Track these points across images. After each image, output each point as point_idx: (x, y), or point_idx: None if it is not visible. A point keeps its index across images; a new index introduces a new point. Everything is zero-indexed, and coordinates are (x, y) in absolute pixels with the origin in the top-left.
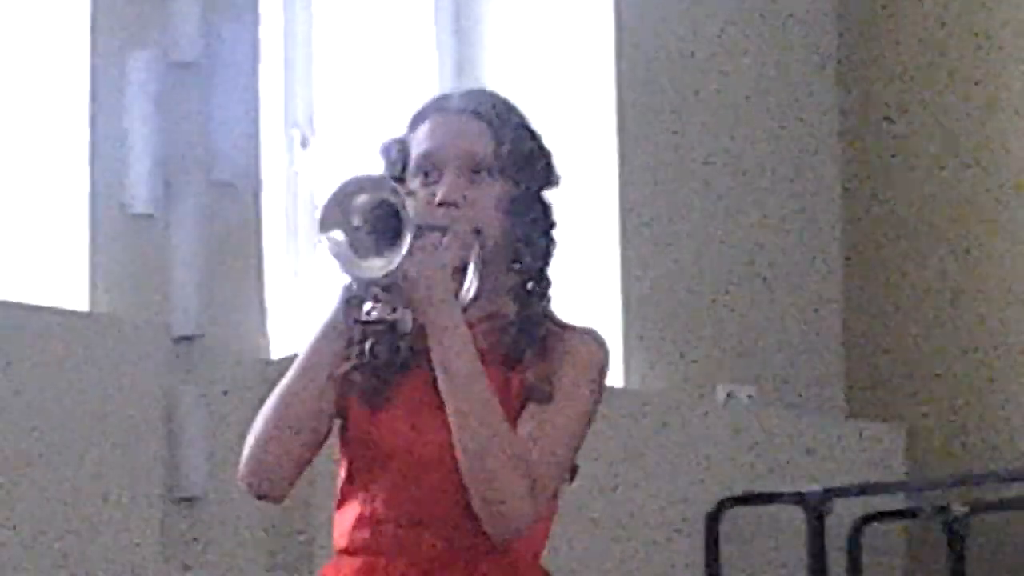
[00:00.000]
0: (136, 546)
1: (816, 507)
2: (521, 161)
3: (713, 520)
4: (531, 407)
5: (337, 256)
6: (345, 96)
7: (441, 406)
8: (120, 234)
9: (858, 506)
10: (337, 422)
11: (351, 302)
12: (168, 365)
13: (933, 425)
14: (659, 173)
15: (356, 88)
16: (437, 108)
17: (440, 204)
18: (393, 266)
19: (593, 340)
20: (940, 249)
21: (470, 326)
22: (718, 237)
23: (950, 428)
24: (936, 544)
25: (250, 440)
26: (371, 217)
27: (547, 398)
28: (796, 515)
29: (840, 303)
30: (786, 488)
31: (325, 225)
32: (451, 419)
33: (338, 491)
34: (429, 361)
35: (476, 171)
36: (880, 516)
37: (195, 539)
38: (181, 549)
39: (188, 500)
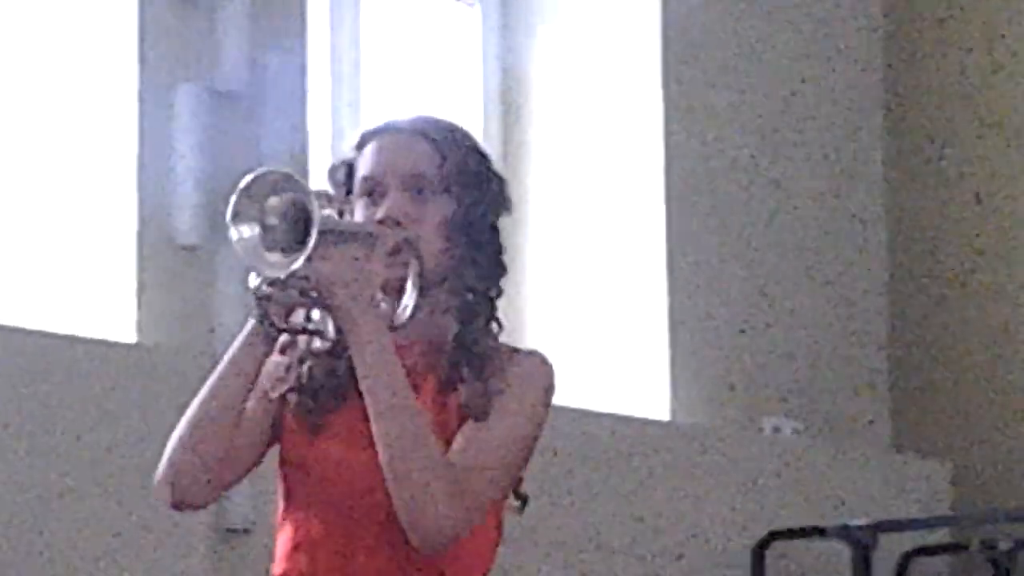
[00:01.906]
0: None
1: (862, 541)
2: (466, 181)
3: (759, 554)
4: (467, 424)
5: (243, 249)
6: None
7: None
8: (167, 265)
9: (904, 540)
10: (276, 446)
11: (263, 306)
12: None
13: (979, 459)
14: (707, 206)
15: (404, 116)
16: (382, 129)
17: (381, 222)
18: (295, 265)
19: (538, 360)
20: (986, 284)
21: (410, 346)
22: (765, 272)
23: (996, 462)
24: None
25: (169, 444)
26: (288, 217)
27: (482, 415)
28: (842, 549)
29: (886, 338)
30: (832, 522)
31: (239, 218)
32: (373, 428)
33: (278, 514)
34: None
35: (419, 190)
36: (926, 550)
37: (242, 570)
38: None
39: (235, 532)
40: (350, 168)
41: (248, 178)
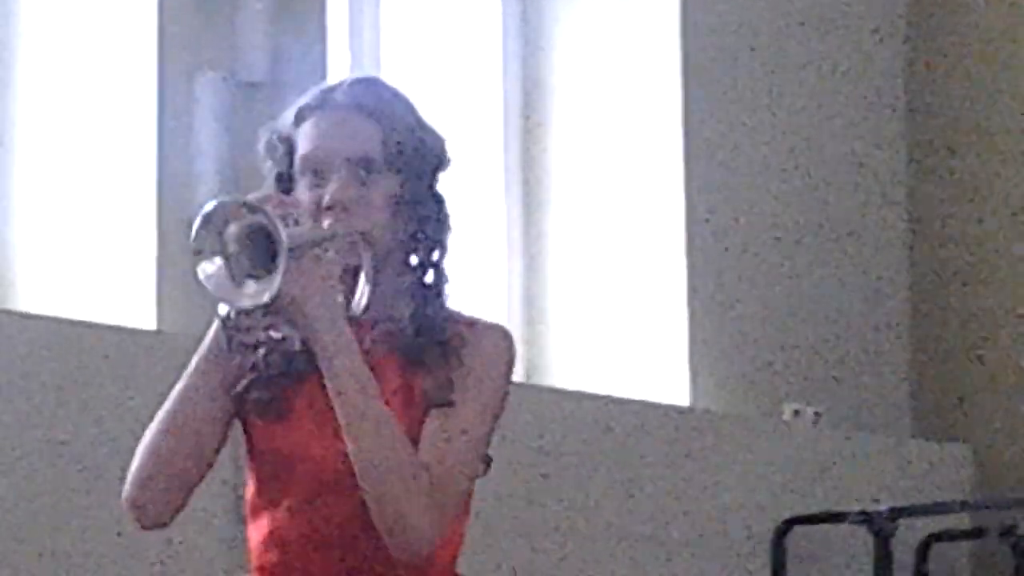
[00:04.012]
0: (202, 567)
1: (882, 527)
2: (410, 156)
3: (779, 539)
4: (433, 413)
5: (214, 285)
6: None
7: None
8: (187, 253)
9: (924, 526)
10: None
11: (227, 326)
12: None
13: (1000, 444)
14: (726, 192)
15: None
16: (321, 104)
17: (328, 208)
18: (273, 291)
19: (498, 335)
20: (1008, 268)
21: (367, 326)
22: (785, 258)
23: (1017, 447)
24: (1003, 564)
25: (133, 467)
26: (247, 242)
27: (448, 403)
28: (862, 535)
29: (906, 322)
30: (852, 507)
31: (202, 255)
32: (346, 440)
33: (248, 504)
34: None
35: (365, 170)
36: (946, 536)
37: None
38: (246, 569)
39: None
40: (288, 143)
41: (205, 210)
